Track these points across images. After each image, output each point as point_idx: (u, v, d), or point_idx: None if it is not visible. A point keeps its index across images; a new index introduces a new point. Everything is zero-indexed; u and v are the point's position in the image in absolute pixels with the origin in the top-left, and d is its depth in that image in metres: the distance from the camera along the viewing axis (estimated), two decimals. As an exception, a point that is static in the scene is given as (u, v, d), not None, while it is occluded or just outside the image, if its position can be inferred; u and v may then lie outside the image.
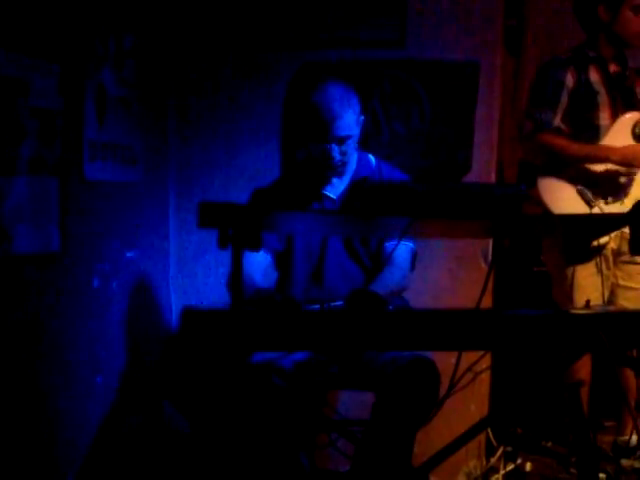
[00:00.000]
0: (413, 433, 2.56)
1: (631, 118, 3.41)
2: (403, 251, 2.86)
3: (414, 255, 2.92)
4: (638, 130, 3.41)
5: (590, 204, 3.37)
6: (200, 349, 2.11)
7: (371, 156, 3.00)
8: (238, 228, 2.05)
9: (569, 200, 3.38)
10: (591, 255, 3.38)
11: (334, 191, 2.92)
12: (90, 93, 2.99)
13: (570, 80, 3.40)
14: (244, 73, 3.60)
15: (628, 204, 3.37)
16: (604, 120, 3.40)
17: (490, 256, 3.45)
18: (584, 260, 3.40)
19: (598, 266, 3.39)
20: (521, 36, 4.34)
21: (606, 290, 3.40)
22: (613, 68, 3.45)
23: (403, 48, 3.49)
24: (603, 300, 3.36)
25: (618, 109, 3.41)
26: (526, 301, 3.81)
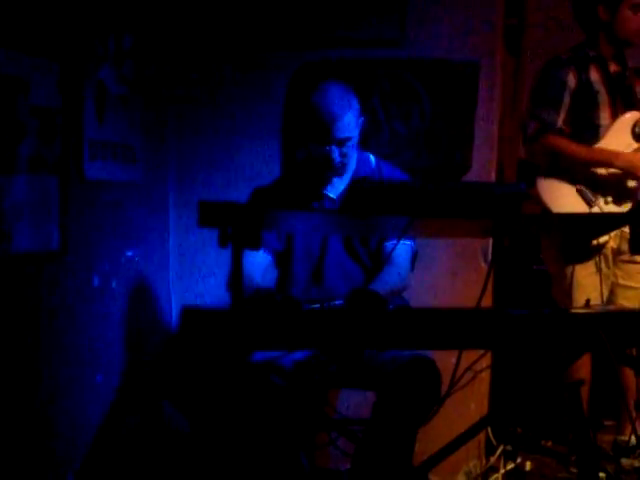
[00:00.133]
0: (414, 432, 2.56)
1: (631, 118, 3.41)
2: (403, 250, 2.86)
3: (414, 254, 2.92)
4: (638, 130, 3.41)
5: (590, 203, 3.37)
6: (200, 348, 2.11)
7: (371, 156, 2.99)
8: (238, 227, 2.06)
9: (569, 199, 3.38)
10: (591, 254, 3.39)
11: (334, 191, 2.91)
12: (90, 92, 2.99)
13: (572, 80, 3.40)
14: (244, 72, 3.60)
15: (627, 205, 3.37)
16: (604, 120, 3.41)
17: (490, 255, 3.45)
18: (584, 259, 3.40)
19: (598, 265, 3.39)
20: (521, 36, 4.34)
21: (606, 289, 3.40)
22: (613, 67, 3.45)
23: (403, 48, 3.49)
24: (602, 299, 3.36)
25: (618, 109, 3.42)
26: (526, 300, 3.81)
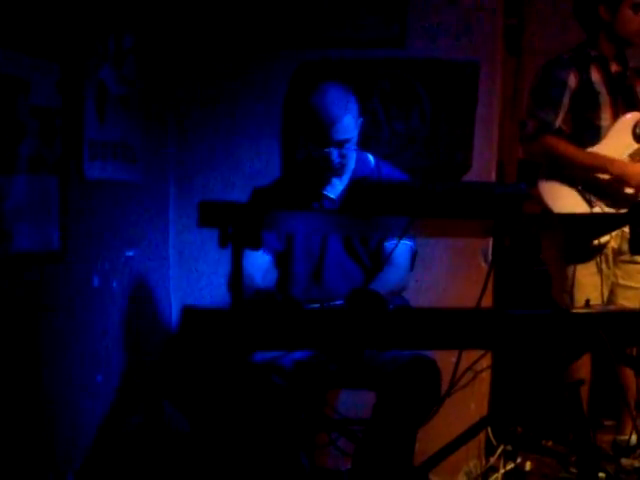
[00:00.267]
0: (414, 432, 2.56)
1: (632, 118, 3.41)
2: (403, 250, 2.86)
3: (414, 254, 2.92)
4: (639, 130, 3.41)
5: (591, 204, 3.37)
6: (200, 348, 2.11)
7: (370, 155, 2.99)
8: (238, 227, 2.06)
9: (570, 199, 3.38)
10: (592, 254, 3.38)
11: (333, 191, 2.91)
12: (90, 92, 2.98)
13: (573, 81, 3.40)
14: (244, 72, 3.59)
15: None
16: (605, 120, 3.40)
17: (490, 255, 3.45)
18: (585, 259, 3.40)
19: (599, 265, 3.39)
20: (521, 35, 4.34)
21: (606, 289, 3.40)
22: (614, 67, 3.45)
23: (403, 47, 3.49)
24: (602, 299, 3.36)
25: (619, 109, 3.41)
26: (526, 300, 3.80)
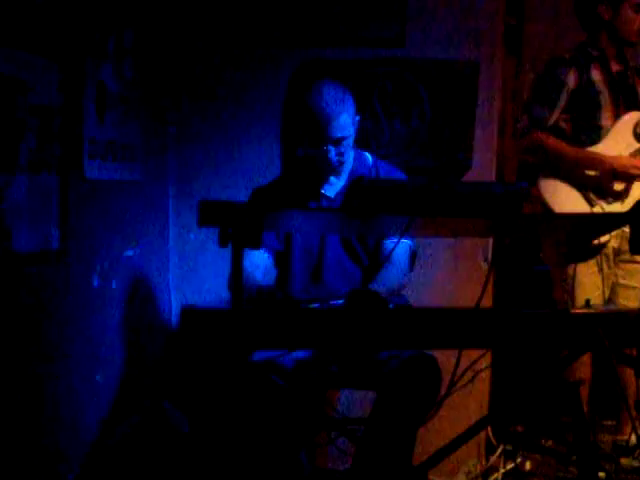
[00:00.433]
0: (413, 431, 2.56)
1: (632, 118, 3.41)
2: (402, 249, 2.86)
3: (413, 253, 2.92)
4: (639, 130, 3.41)
5: (591, 203, 3.37)
6: (200, 348, 2.10)
7: (368, 154, 2.99)
8: (238, 226, 2.05)
9: (570, 198, 3.38)
10: (592, 253, 3.38)
11: (332, 190, 2.91)
12: (90, 90, 2.98)
13: (572, 80, 3.40)
14: (245, 71, 3.59)
15: (629, 204, 3.37)
16: (605, 120, 3.40)
17: (490, 255, 3.45)
18: (585, 258, 3.40)
19: (599, 265, 3.39)
20: (521, 35, 4.34)
21: (607, 289, 3.40)
22: (615, 67, 3.45)
23: (403, 47, 3.49)
24: (603, 299, 3.36)
25: (620, 109, 3.41)
26: (526, 300, 3.80)
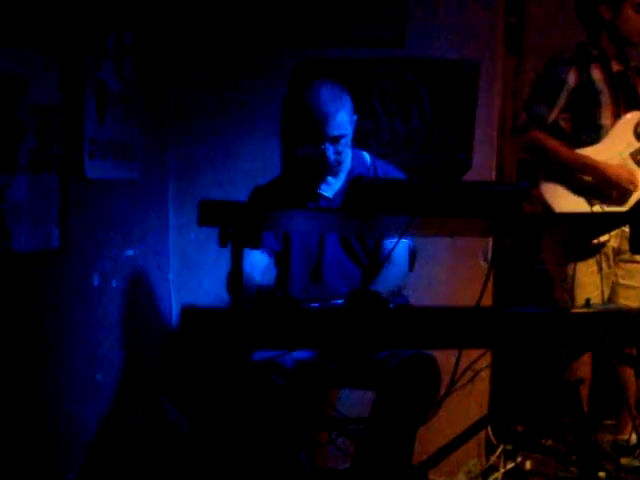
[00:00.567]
0: (413, 431, 2.56)
1: (633, 118, 3.41)
2: (401, 249, 2.86)
3: (412, 253, 2.92)
4: (640, 129, 3.41)
5: (591, 202, 3.37)
6: (200, 348, 2.10)
7: (365, 154, 3.00)
8: (238, 226, 2.05)
9: (570, 198, 3.38)
10: (592, 253, 3.38)
11: (330, 190, 2.91)
12: (90, 90, 2.98)
13: (572, 79, 3.40)
14: (245, 70, 3.59)
15: (629, 204, 3.37)
16: (606, 119, 3.40)
17: (490, 254, 3.45)
18: (585, 258, 3.40)
19: (599, 264, 3.39)
20: (521, 34, 4.34)
21: (607, 288, 3.40)
22: (616, 67, 3.44)
23: (403, 47, 3.49)
24: (602, 298, 3.36)
25: (620, 108, 3.41)
26: (526, 299, 3.80)
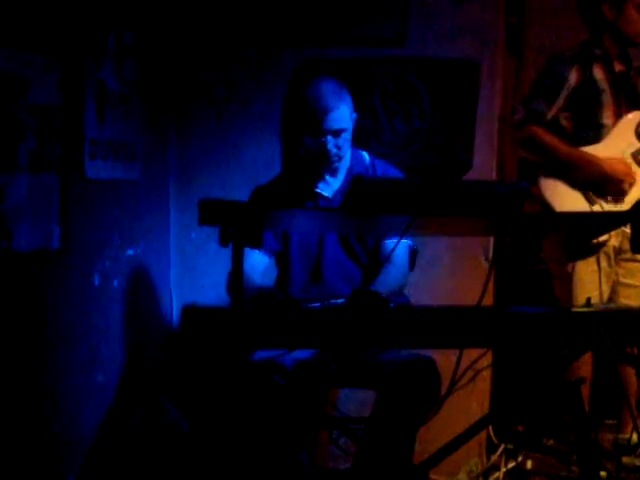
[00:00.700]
0: (414, 431, 2.56)
1: (634, 117, 3.41)
2: (401, 249, 2.86)
3: (412, 252, 2.92)
4: (641, 129, 3.41)
5: (591, 201, 3.37)
6: (201, 347, 2.11)
7: (364, 153, 3.00)
8: (239, 225, 2.05)
9: (570, 197, 3.38)
10: (592, 252, 3.38)
11: (328, 189, 2.91)
12: (90, 90, 2.98)
13: (574, 77, 3.39)
14: (245, 70, 3.59)
15: (628, 202, 3.37)
16: (607, 119, 3.40)
17: (491, 253, 3.44)
18: (585, 257, 3.39)
19: (599, 263, 3.39)
20: (522, 34, 4.33)
21: (607, 288, 3.40)
22: (618, 67, 3.44)
23: (404, 46, 3.49)
24: (601, 297, 3.35)
25: (622, 108, 3.41)
26: (527, 299, 3.80)
